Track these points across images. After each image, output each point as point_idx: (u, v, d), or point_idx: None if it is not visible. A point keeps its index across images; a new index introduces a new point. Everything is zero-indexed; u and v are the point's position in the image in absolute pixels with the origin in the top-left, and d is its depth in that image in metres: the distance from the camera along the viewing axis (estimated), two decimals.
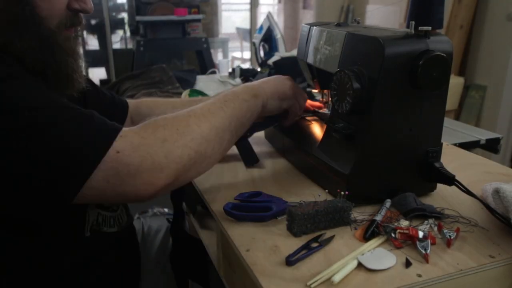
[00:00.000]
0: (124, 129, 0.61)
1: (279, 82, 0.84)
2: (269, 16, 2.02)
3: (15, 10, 0.62)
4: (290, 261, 0.57)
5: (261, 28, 2.08)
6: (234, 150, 0.86)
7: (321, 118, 0.95)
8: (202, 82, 2.14)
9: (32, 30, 0.63)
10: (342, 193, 0.66)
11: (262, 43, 2.06)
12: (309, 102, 0.99)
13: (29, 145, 0.54)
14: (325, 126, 0.83)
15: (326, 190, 0.75)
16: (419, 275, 0.54)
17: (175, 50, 4.21)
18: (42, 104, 0.57)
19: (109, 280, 0.79)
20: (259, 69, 2.02)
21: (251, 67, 2.12)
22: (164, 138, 0.61)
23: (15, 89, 0.57)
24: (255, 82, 0.82)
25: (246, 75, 1.98)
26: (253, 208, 0.70)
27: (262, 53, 2.10)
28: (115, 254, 0.81)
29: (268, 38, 2.06)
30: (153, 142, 0.60)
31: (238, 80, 1.97)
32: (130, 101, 1.01)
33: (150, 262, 0.99)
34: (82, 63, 0.73)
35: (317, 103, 1.01)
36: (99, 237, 0.76)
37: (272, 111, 0.83)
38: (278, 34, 2.02)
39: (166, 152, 0.60)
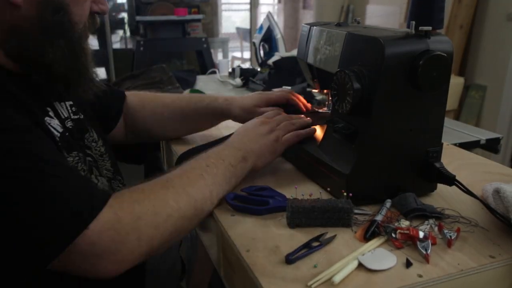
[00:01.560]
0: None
1: (266, 137, 0.79)
2: (269, 16, 2.02)
3: (50, 17, 0.62)
4: (290, 259, 0.57)
5: (261, 28, 2.08)
6: None
7: (321, 118, 0.95)
8: (202, 82, 2.14)
9: (65, 36, 0.64)
10: (345, 194, 0.66)
11: (262, 43, 2.06)
12: (301, 99, 0.98)
13: (7, 207, 0.51)
14: (325, 126, 0.83)
15: (328, 189, 0.75)
16: (420, 276, 0.54)
17: (175, 50, 4.21)
18: (29, 165, 0.53)
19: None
20: (258, 69, 2.02)
21: (251, 67, 2.12)
22: (138, 216, 0.57)
23: (5, 145, 0.53)
24: (239, 139, 0.77)
25: (246, 75, 1.98)
26: (252, 201, 0.71)
27: (262, 53, 2.10)
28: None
29: (268, 38, 2.06)
30: (126, 221, 0.56)
31: (238, 80, 1.97)
32: (127, 93, 1.01)
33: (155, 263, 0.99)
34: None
35: (304, 102, 0.99)
36: None
37: (264, 167, 0.79)
38: (278, 34, 2.02)
39: (138, 234, 0.56)
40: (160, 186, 0.63)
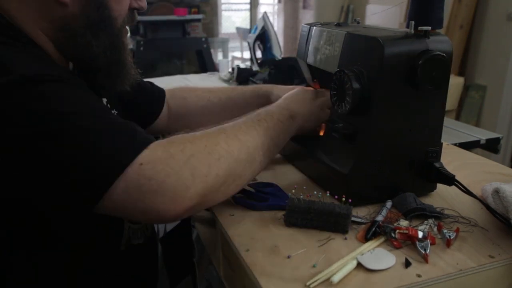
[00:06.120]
0: (154, 142, 0.59)
1: (312, 103, 0.82)
2: (264, 16, 2.01)
3: (93, 14, 0.66)
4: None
5: (255, 28, 2.07)
6: None
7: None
8: (202, 81, 2.14)
9: (107, 31, 0.68)
10: (344, 199, 0.65)
11: (257, 43, 2.06)
12: None
13: (56, 148, 0.53)
14: (325, 126, 0.83)
15: (328, 193, 0.74)
16: (419, 275, 0.54)
17: (175, 50, 4.22)
18: (75, 110, 0.56)
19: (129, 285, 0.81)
20: (254, 69, 2.01)
21: (248, 67, 2.11)
22: (191, 154, 0.58)
23: (53, 92, 0.57)
24: (286, 102, 0.80)
25: (244, 74, 1.98)
26: (254, 196, 0.72)
27: (258, 53, 2.10)
28: (138, 264, 0.82)
29: (263, 38, 2.05)
30: (179, 157, 0.57)
31: (226, 73, 1.97)
32: (167, 89, 1.03)
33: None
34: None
35: None
36: (130, 250, 0.77)
37: (306, 132, 0.82)
38: (273, 34, 2.02)
39: (192, 170, 0.57)
40: (213, 131, 0.65)
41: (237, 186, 0.65)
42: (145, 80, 1.00)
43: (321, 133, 0.85)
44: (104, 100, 0.81)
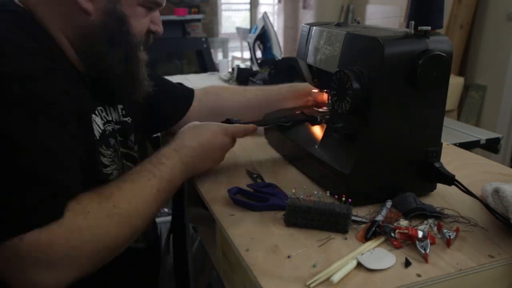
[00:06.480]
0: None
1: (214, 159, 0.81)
2: (264, 16, 2.01)
3: (113, 26, 0.70)
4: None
5: (255, 28, 2.07)
6: (232, 150, 0.86)
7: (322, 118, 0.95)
8: (203, 81, 2.14)
9: (123, 44, 0.72)
10: (344, 199, 0.65)
11: (257, 43, 2.06)
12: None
13: None
14: (325, 126, 0.83)
15: (328, 192, 0.74)
16: (419, 275, 0.55)
17: (175, 50, 4.22)
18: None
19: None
20: (254, 69, 2.01)
21: (248, 67, 2.11)
22: (73, 246, 0.56)
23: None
24: (192, 160, 0.77)
25: (244, 74, 1.98)
26: (254, 196, 0.72)
27: (258, 53, 2.10)
28: (139, 268, 0.83)
29: (263, 38, 2.05)
30: (59, 249, 0.55)
31: (226, 73, 1.97)
32: (200, 89, 1.06)
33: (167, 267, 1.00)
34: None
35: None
36: (130, 254, 0.76)
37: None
38: (273, 34, 2.02)
39: (69, 261, 0.56)
40: (106, 213, 0.61)
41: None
42: (175, 82, 1.04)
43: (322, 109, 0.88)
44: (120, 106, 0.84)
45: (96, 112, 0.75)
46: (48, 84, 0.61)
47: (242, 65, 2.21)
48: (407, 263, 0.56)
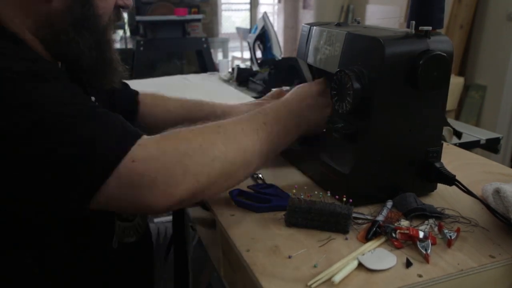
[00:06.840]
0: (144, 137, 0.58)
1: (320, 106, 0.78)
2: (264, 16, 2.02)
3: (78, 10, 0.65)
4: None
5: (255, 28, 2.07)
6: None
7: None
8: (203, 81, 2.14)
9: (91, 28, 0.67)
10: (344, 199, 0.65)
11: (257, 43, 2.06)
12: None
13: (47, 144, 0.53)
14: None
15: (328, 193, 0.74)
16: (420, 275, 0.54)
17: (175, 50, 4.22)
18: (65, 108, 0.57)
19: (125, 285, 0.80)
20: (254, 69, 2.01)
21: (248, 67, 2.11)
22: (185, 152, 0.58)
23: (44, 89, 0.57)
24: (298, 104, 0.77)
25: (244, 74, 1.98)
26: (256, 198, 0.71)
27: (258, 53, 2.10)
28: (133, 262, 0.82)
29: (263, 38, 2.06)
30: (172, 155, 0.57)
31: (226, 73, 1.97)
32: (141, 92, 1.03)
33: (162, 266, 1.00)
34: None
35: None
36: (122, 248, 0.77)
37: (311, 134, 0.80)
38: (273, 34, 2.02)
39: (184, 168, 0.57)
40: (211, 129, 0.64)
41: (229, 186, 0.66)
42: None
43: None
44: (93, 98, 0.80)
45: None
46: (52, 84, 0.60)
47: (242, 65, 2.21)
48: (408, 264, 0.56)
